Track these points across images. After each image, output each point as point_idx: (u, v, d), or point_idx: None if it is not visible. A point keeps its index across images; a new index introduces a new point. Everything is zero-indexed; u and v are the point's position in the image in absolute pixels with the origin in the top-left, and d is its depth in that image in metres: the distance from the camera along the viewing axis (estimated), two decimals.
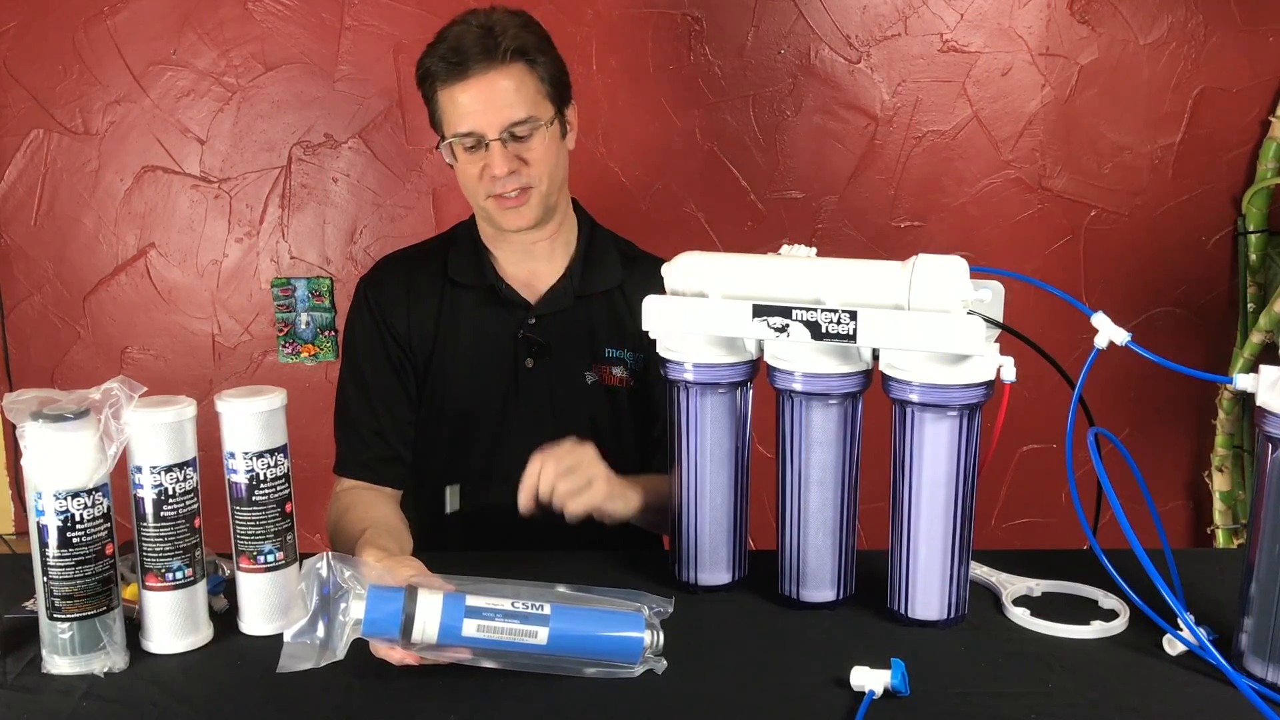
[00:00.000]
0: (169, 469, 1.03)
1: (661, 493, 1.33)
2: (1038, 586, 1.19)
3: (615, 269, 1.52)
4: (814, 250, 1.16)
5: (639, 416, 1.51)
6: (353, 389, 1.51)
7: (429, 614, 0.97)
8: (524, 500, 1.25)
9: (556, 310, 1.48)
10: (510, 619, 0.98)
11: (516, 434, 1.47)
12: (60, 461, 0.98)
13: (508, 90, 1.37)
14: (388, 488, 1.46)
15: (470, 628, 0.97)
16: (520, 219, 1.41)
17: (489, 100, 1.36)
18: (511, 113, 1.37)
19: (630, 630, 1.00)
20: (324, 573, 0.99)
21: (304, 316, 2.20)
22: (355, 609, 0.97)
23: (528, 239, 1.47)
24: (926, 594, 1.11)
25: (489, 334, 1.48)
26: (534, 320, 1.47)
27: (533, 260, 1.49)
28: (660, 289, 1.19)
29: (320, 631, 0.98)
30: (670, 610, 1.06)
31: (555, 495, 1.25)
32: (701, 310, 1.15)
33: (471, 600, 0.98)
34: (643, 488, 1.36)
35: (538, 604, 0.99)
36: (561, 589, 1.05)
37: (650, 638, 1.00)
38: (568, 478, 1.25)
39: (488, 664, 0.99)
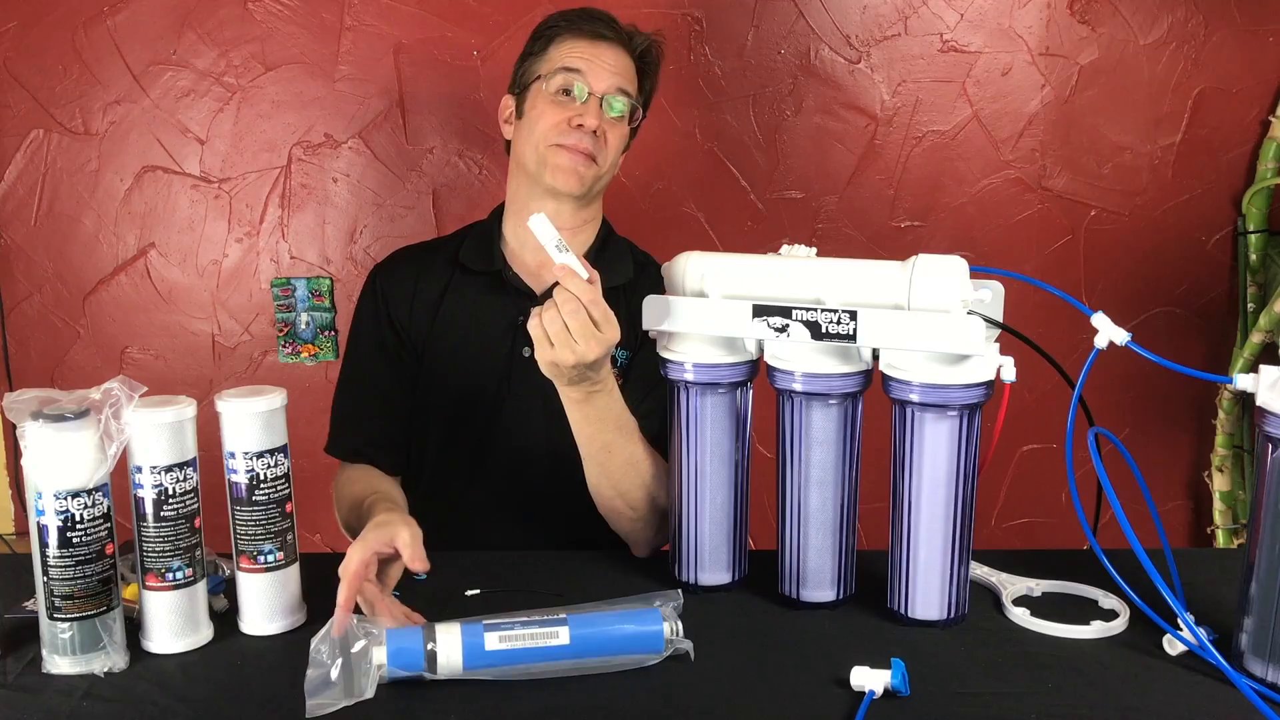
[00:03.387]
0: (169, 469, 1.03)
1: (639, 448, 1.32)
2: (1038, 586, 1.19)
3: (626, 269, 1.53)
4: (814, 250, 1.16)
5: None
6: (350, 375, 1.55)
7: (449, 639, 0.98)
8: (531, 324, 1.18)
9: None
10: (529, 626, 1.00)
11: (509, 423, 1.49)
12: (60, 461, 0.98)
13: (625, 67, 1.47)
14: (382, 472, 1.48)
15: (492, 640, 0.98)
16: (574, 180, 1.44)
17: (608, 63, 1.45)
18: (622, 81, 1.46)
19: (649, 625, 1.02)
20: (335, 639, 1.00)
21: (304, 316, 2.19)
22: (377, 655, 0.98)
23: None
24: (926, 594, 1.11)
25: (489, 320, 1.49)
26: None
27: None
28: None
29: (338, 681, 0.97)
30: (681, 600, 1.07)
31: (558, 333, 1.16)
32: (701, 310, 1.15)
33: (489, 619, 1.00)
34: (625, 415, 1.30)
35: (553, 613, 1.02)
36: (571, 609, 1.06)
37: (670, 628, 1.02)
38: (574, 321, 1.15)
39: (516, 677, 0.99)
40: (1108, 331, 1.03)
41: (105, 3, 2.08)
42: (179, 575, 1.05)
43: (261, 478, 1.07)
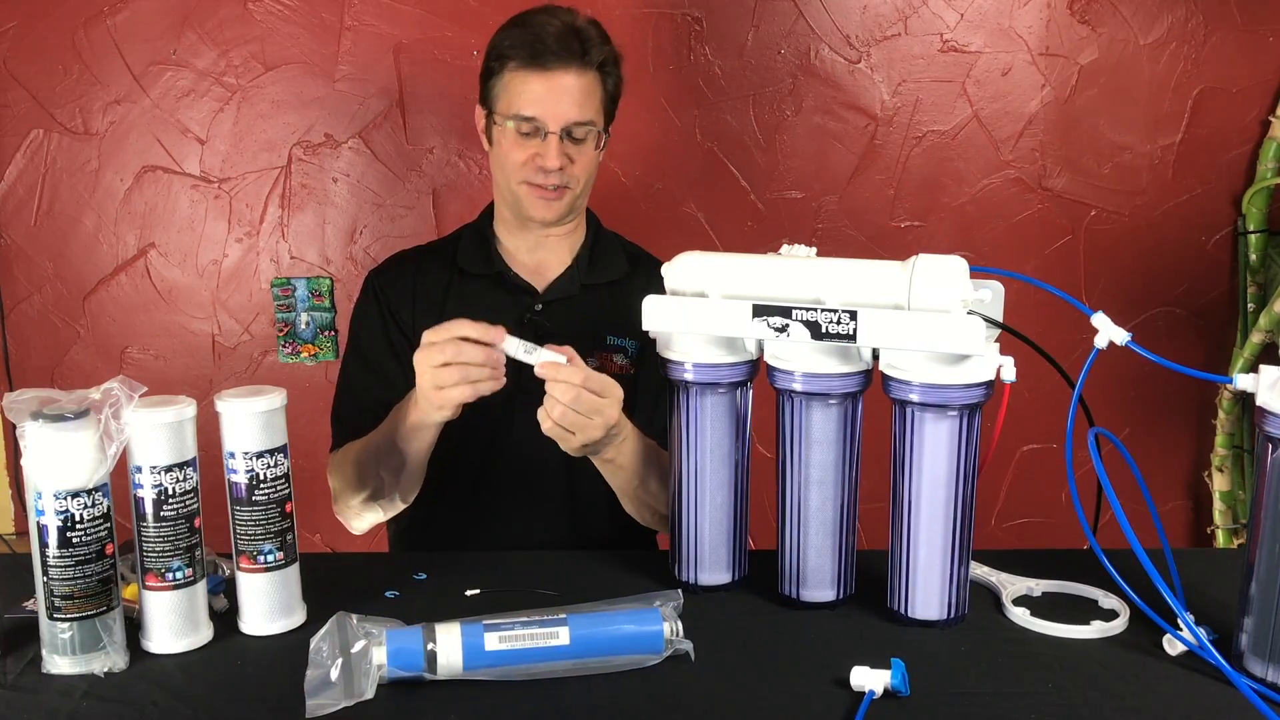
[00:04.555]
0: (169, 469, 1.03)
1: (662, 465, 1.35)
2: (1038, 586, 1.19)
3: (621, 263, 1.57)
4: (814, 250, 1.16)
5: (637, 405, 1.52)
6: (354, 373, 1.54)
7: (449, 639, 0.98)
8: (542, 419, 1.22)
9: (562, 298, 1.51)
10: (529, 626, 1.00)
11: (520, 420, 1.48)
12: (60, 461, 0.98)
13: (581, 91, 1.42)
14: None
15: (492, 641, 0.98)
16: (550, 211, 1.46)
17: (561, 96, 1.41)
18: (579, 113, 1.42)
19: (649, 625, 1.02)
20: (336, 636, 1.00)
21: (304, 316, 2.19)
22: (377, 655, 0.98)
23: (544, 230, 1.51)
24: (926, 594, 1.11)
25: (495, 320, 1.49)
26: (540, 306, 1.50)
27: (542, 251, 1.54)
28: (662, 285, 1.19)
29: (338, 681, 0.97)
30: (681, 600, 1.07)
31: (560, 419, 1.21)
32: (701, 310, 1.15)
33: (489, 619, 1.00)
34: (645, 445, 1.36)
35: (553, 613, 1.02)
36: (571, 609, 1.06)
37: (670, 628, 1.02)
38: (580, 405, 1.20)
39: (516, 678, 0.99)
40: (1108, 331, 1.03)
41: (105, 3, 2.08)
42: (179, 575, 1.05)
43: (261, 478, 1.07)
